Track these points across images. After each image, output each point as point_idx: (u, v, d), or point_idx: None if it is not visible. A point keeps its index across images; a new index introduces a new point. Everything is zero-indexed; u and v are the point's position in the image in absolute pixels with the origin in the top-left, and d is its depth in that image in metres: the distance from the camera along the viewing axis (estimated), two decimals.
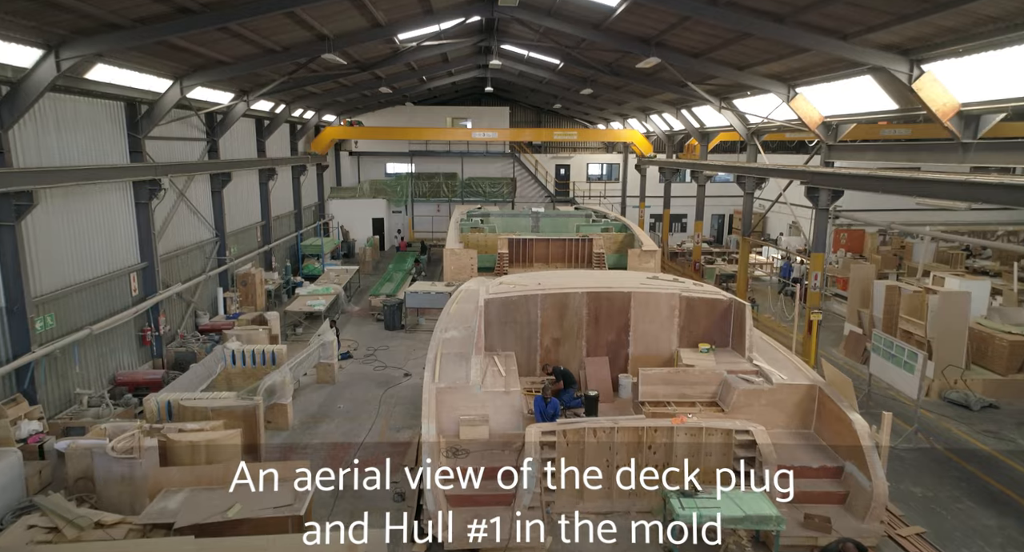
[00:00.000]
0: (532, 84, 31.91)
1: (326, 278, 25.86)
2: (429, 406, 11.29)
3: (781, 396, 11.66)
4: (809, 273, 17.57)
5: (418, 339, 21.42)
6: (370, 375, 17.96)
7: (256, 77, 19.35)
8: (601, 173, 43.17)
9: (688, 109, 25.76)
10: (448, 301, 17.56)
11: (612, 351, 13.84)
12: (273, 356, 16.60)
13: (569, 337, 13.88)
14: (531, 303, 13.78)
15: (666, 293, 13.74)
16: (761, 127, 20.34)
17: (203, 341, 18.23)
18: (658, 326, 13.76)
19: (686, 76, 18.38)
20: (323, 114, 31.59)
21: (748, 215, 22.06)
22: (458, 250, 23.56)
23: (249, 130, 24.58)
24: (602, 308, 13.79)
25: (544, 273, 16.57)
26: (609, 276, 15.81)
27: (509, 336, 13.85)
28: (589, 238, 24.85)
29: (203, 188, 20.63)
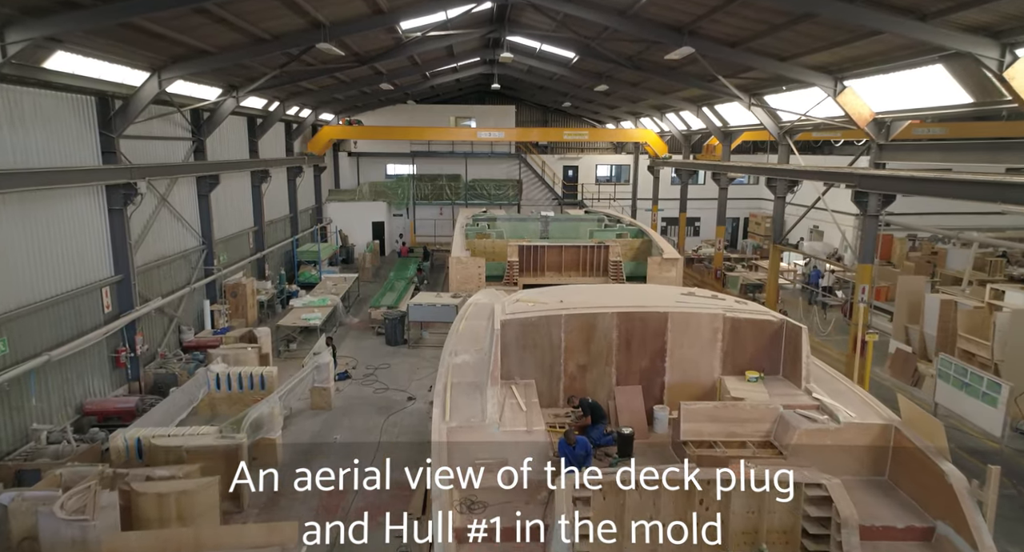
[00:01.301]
0: (541, 81, 30.25)
1: (323, 287, 24.18)
2: (439, 451, 9.63)
3: (850, 437, 9.96)
4: (856, 287, 15.88)
5: (422, 356, 19.77)
6: (370, 399, 16.29)
7: (245, 71, 17.67)
8: (610, 175, 41.51)
9: (711, 107, 24.08)
10: (456, 317, 15.88)
11: (646, 379, 12.14)
12: (262, 380, 14.98)
13: (597, 363, 12.17)
14: (553, 325, 12.08)
15: (708, 313, 12.04)
16: (796, 125, 18.65)
17: (186, 361, 16.54)
18: (698, 351, 12.06)
19: (718, 69, 16.70)
20: (320, 112, 29.92)
21: (779, 221, 20.37)
22: (464, 258, 21.89)
23: (240, 129, 22.90)
24: (634, 330, 12.09)
25: (565, 289, 14.88)
26: (639, 293, 14.15)
27: (528, 362, 12.14)
28: (605, 245, 23.16)
29: (188, 192, 18.94)
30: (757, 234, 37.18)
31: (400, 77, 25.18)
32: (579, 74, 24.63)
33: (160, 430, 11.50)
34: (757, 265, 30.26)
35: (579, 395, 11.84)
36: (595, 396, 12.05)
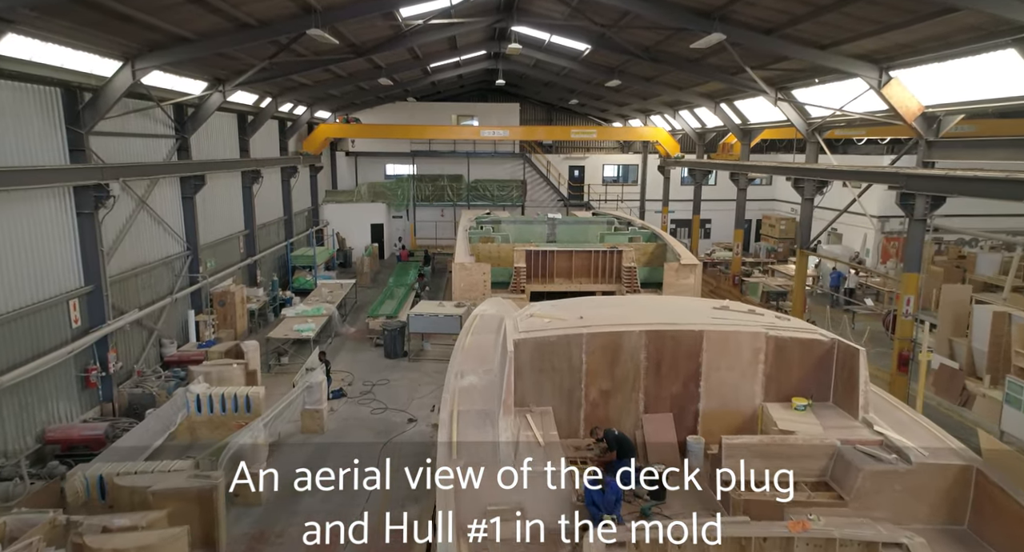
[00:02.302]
0: (548, 76, 28.85)
1: (318, 295, 22.77)
2: (446, 494, 8.28)
3: (924, 480, 8.56)
4: (900, 297, 14.46)
5: (423, 370, 18.37)
6: (367, 421, 14.88)
7: (231, 62, 16.26)
8: (617, 175, 40.09)
9: (729, 103, 22.68)
10: (461, 331, 14.50)
11: (678, 406, 10.74)
12: (248, 401, 13.57)
13: (622, 388, 10.76)
14: (573, 345, 10.67)
15: (748, 332, 10.63)
16: (828, 121, 17.23)
17: (165, 379, 15.11)
18: (738, 374, 10.65)
19: (746, 59, 15.29)
20: (316, 110, 28.50)
21: (807, 224, 18.96)
22: (469, 264, 20.47)
23: (229, 127, 21.48)
24: (665, 351, 10.68)
25: (583, 302, 13.46)
26: (667, 307, 12.74)
27: (545, 387, 10.73)
28: (618, 250, 21.75)
29: (171, 193, 17.54)
30: (771, 237, 35.77)
31: (400, 72, 23.78)
32: (589, 68, 23.22)
33: (126, 466, 10.08)
34: (774, 270, 28.87)
35: (603, 425, 10.47)
36: (620, 425, 10.69)
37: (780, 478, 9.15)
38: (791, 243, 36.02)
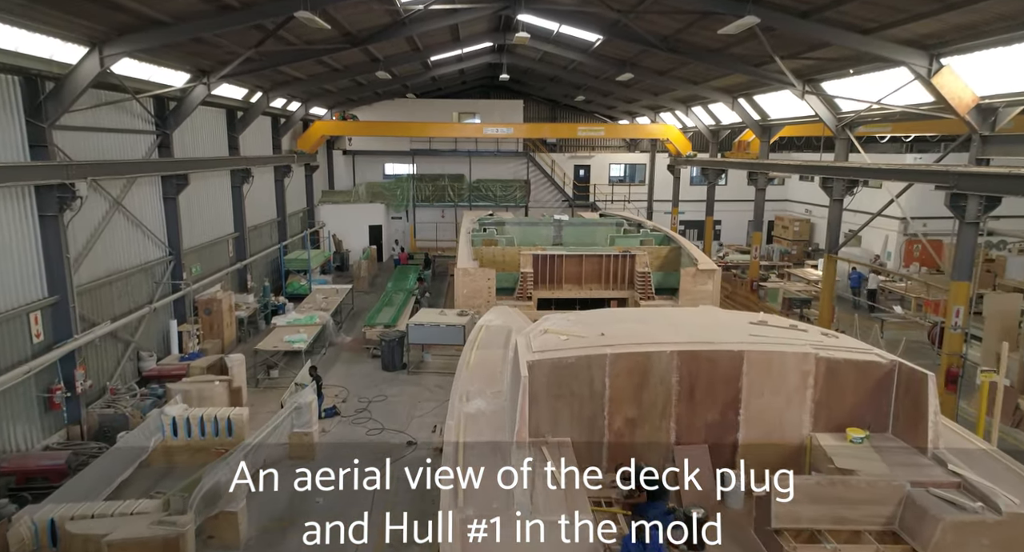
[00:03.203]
0: (554, 71, 27.51)
1: (312, 301, 21.44)
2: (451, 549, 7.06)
3: (1017, 533, 7.27)
4: (948, 308, 13.14)
5: (423, 383, 17.06)
6: (362, 444, 13.48)
7: (213, 50, 14.95)
8: (624, 175, 38.76)
9: (749, 97, 21.37)
10: (465, 345, 13.20)
11: (713, 437, 9.43)
12: (229, 424, 12.26)
13: (651, 416, 9.45)
14: (595, 367, 9.36)
15: (795, 352, 9.33)
16: (862, 116, 15.91)
17: (141, 397, 13.80)
18: (783, 400, 9.35)
19: (777, 48, 14.00)
20: (311, 106, 27.18)
21: (836, 227, 17.63)
22: (472, 269, 19.19)
23: (216, 123, 20.17)
24: (700, 374, 9.37)
25: (603, 314, 12.15)
26: (697, 321, 11.41)
27: (563, 414, 9.43)
28: (631, 254, 20.44)
29: (150, 194, 16.22)
30: (784, 238, 34.45)
31: (398, 65, 22.47)
32: (600, 61, 21.91)
33: (83, 507, 8.77)
34: (790, 273, 27.54)
35: (628, 459, 9.16)
36: (648, 459, 9.35)
37: (838, 524, 7.89)
38: (805, 245, 34.76)
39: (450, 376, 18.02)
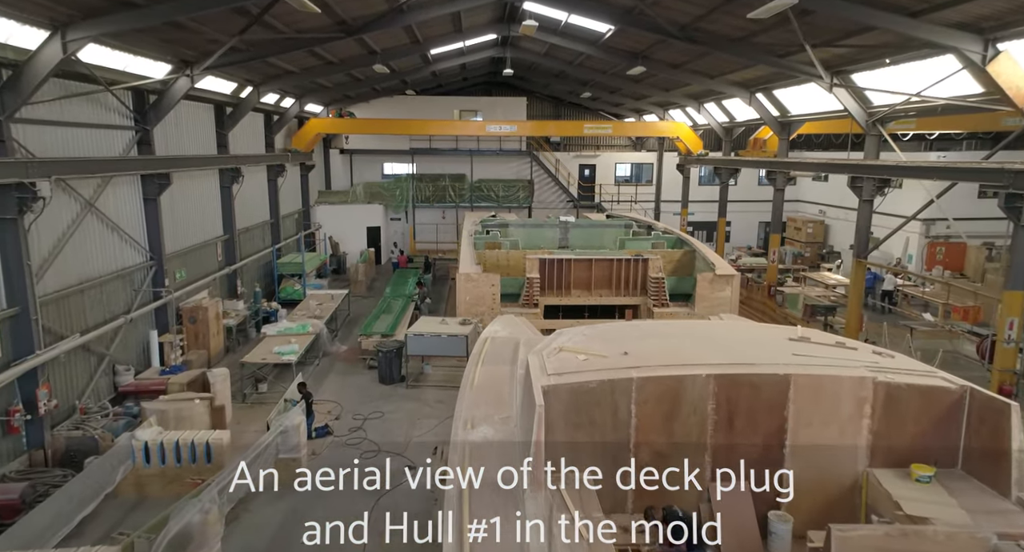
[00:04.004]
0: (559, 66, 26.33)
1: (305, 308, 20.25)
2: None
3: None
4: (1001, 320, 11.94)
5: (423, 398, 15.88)
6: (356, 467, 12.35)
7: (194, 38, 13.76)
8: (630, 174, 37.57)
9: (768, 92, 20.18)
10: (469, 360, 11.99)
11: (757, 472, 8.24)
12: (208, 450, 11.06)
13: (683, 449, 8.24)
14: (620, 392, 8.18)
15: (850, 376, 8.15)
16: (897, 110, 14.70)
17: (114, 417, 12.62)
18: (836, 431, 8.18)
19: (810, 35, 12.82)
20: (305, 103, 25.99)
21: (865, 230, 16.45)
22: (475, 275, 17.99)
23: (203, 119, 18.98)
24: (740, 400, 8.20)
25: (624, 328, 10.96)
26: (730, 337, 10.20)
27: (583, 447, 8.23)
28: (643, 258, 19.24)
29: (129, 194, 15.04)
30: (796, 240, 33.24)
31: (397, 58, 21.28)
32: (610, 54, 20.71)
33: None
34: (806, 277, 26.34)
35: (659, 501, 8.00)
36: (680, 498, 8.21)
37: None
38: (819, 247, 33.56)
39: (452, 390, 16.86)
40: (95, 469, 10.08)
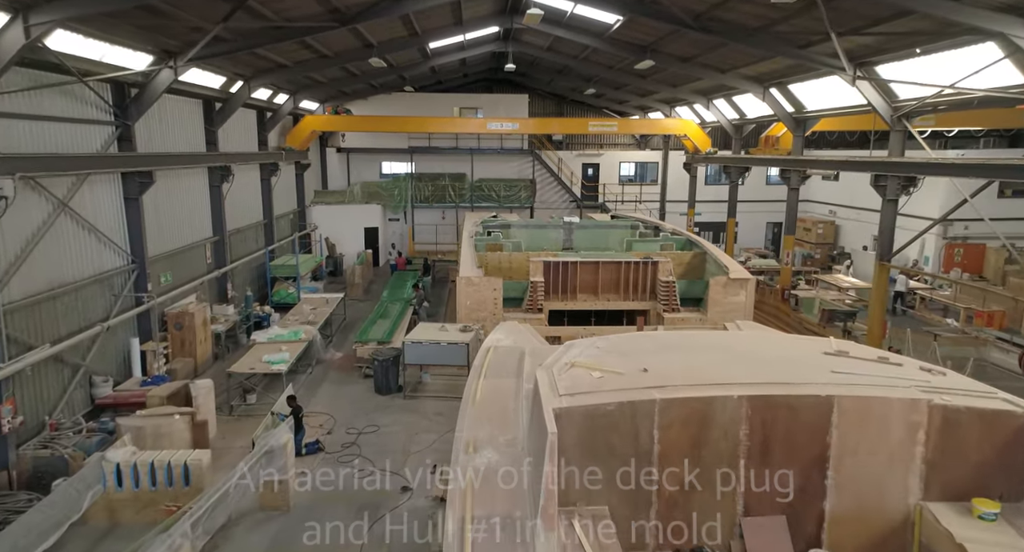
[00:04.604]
0: (563, 61, 25.41)
1: (298, 313, 19.35)
2: None
3: None
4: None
5: (421, 410, 14.98)
6: (347, 489, 11.43)
7: (173, 25, 12.83)
8: (635, 174, 36.65)
9: (782, 87, 19.27)
10: (471, 372, 11.05)
11: (793, 506, 7.33)
12: (186, 472, 10.14)
13: (713, 479, 7.34)
14: (641, 416, 7.25)
15: (901, 398, 7.22)
16: (927, 103, 13.78)
17: (87, 433, 11.70)
18: (884, 460, 7.24)
19: (836, 23, 11.91)
20: (300, 99, 25.08)
21: (888, 232, 15.53)
22: (476, 279, 17.09)
23: (191, 114, 18.06)
24: (777, 425, 7.27)
25: (641, 340, 9.98)
26: (758, 351, 9.24)
27: (599, 477, 7.29)
28: (653, 261, 18.34)
29: (109, 193, 14.14)
30: (806, 241, 32.33)
31: (395, 52, 20.37)
32: (617, 47, 19.80)
33: None
34: (819, 279, 25.42)
35: (687, 543, 7.13)
36: (710, 535, 7.34)
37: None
38: (830, 248, 32.66)
39: (452, 400, 15.95)
40: (59, 495, 9.17)
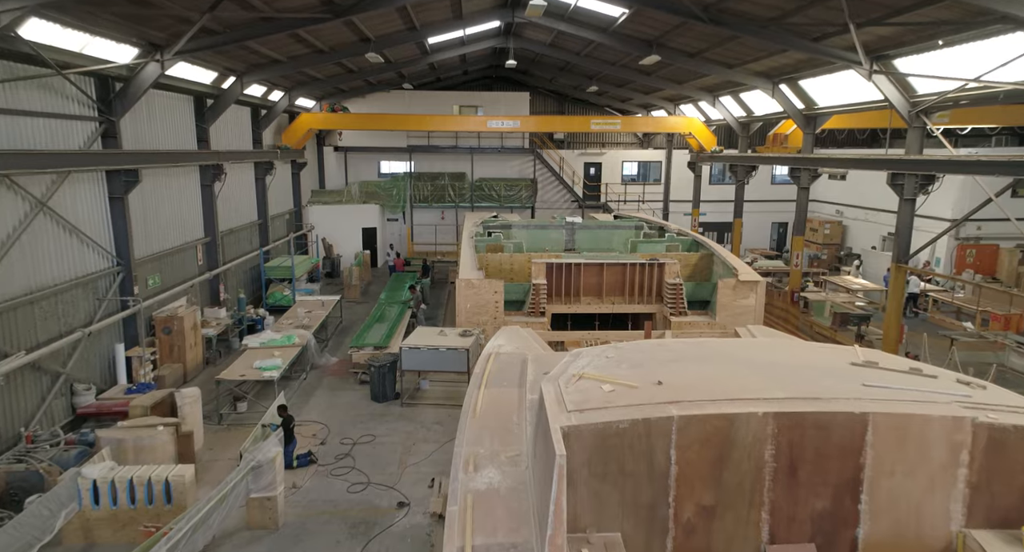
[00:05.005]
0: (566, 58, 24.77)
1: (293, 316, 18.73)
2: None
3: None
4: None
5: (419, 419, 14.36)
6: (340, 504, 10.81)
7: (158, 16, 12.22)
8: (637, 173, 36.03)
9: (793, 83, 18.65)
10: (471, 381, 10.41)
11: (823, 533, 6.71)
12: (168, 489, 9.52)
13: (735, 504, 6.72)
14: (657, 435, 6.62)
15: (943, 415, 6.60)
16: (949, 97, 13.15)
17: (65, 445, 11.08)
18: (923, 483, 6.62)
19: (857, 13, 11.30)
20: (296, 96, 24.45)
21: (906, 232, 14.90)
22: (477, 281, 16.46)
23: (180, 111, 17.44)
24: (805, 444, 6.64)
25: (653, 349, 9.33)
26: (777, 359, 8.61)
27: (611, 501, 6.70)
28: (659, 262, 17.71)
29: (92, 193, 13.51)
30: (813, 242, 31.71)
31: (392, 46, 19.73)
32: (621, 42, 19.18)
33: None
34: (827, 281, 24.82)
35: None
36: None
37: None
38: (837, 249, 32.03)
39: (451, 408, 15.34)
40: (29, 515, 8.53)
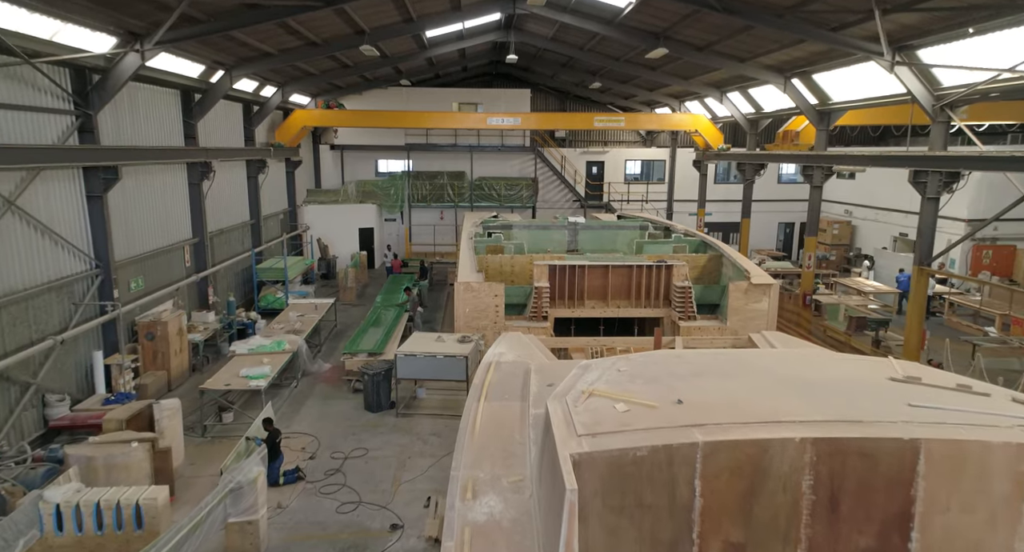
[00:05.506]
0: (568, 53, 24.01)
1: (284, 321, 17.94)
2: None
3: None
4: None
5: (415, 430, 13.58)
6: (328, 527, 10.02)
7: (136, 5, 11.41)
8: (641, 172, 35.26)
9: (806, 77, 17.87)
10: (470, 393, 9.62)
11: None
12: (138, 513, 8.73)
13: (768, 543, 5.94)
14: (680, 463, 5.84)
15: (1005, 443, 5.82)
16: (978, 90, 12.37)
17: (33, 462, 10.28)
18: (984, 519, 5.84)
19: None
20: (290, 92, 23.68)
21: (929, 232, 14.13)
22: (476, 284, 15.70)
23: (165, 106, 16.66)
24: (848, 475, 5.86)
25: (670, 361, 8.52)
26: (808, 374, 7.83)
27: (627, 538, 5.92)
28: (667, 264, 16.94)
29: (68, 191, 12.73)
30: (822, 242, 30.91)
31: (388, 38, 18.97)
32: (627, 34, 18.39)
33: None
34: (837, 283, 24.04)
35: None
36: None
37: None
38: (846, 250, 31.26)
39: (449, 419, 14.52)
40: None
